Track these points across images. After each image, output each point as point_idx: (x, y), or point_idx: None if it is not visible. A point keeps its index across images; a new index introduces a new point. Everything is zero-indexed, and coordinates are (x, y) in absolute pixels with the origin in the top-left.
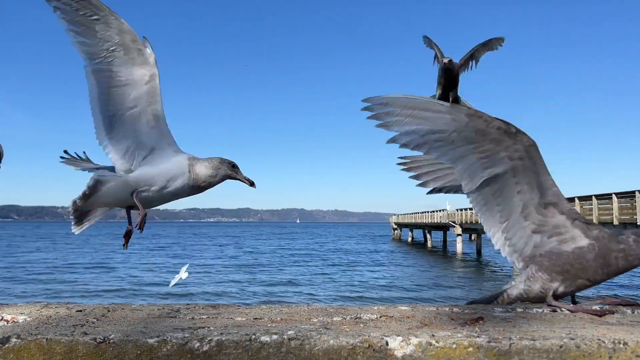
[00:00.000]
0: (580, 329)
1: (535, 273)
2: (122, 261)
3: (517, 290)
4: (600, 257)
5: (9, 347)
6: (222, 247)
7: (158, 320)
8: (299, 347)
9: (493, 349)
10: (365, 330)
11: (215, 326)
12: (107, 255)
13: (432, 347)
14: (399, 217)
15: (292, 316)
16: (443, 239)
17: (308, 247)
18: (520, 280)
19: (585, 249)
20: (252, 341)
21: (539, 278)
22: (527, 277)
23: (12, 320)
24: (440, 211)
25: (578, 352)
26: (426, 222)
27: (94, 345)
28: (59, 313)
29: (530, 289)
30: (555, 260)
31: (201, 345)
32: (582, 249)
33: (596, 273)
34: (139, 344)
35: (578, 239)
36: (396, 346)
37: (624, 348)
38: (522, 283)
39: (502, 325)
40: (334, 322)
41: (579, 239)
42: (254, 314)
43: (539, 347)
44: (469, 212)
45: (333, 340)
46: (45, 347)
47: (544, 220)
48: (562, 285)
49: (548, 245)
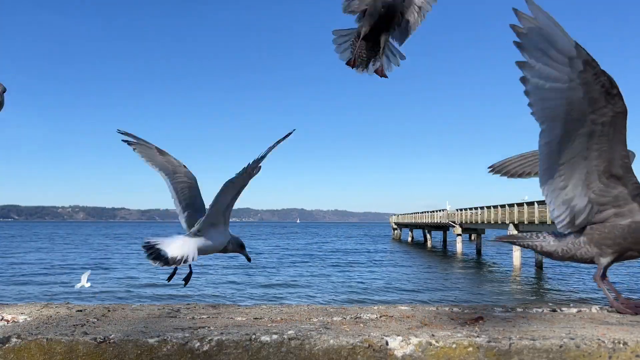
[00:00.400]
0: (580, 329)
1: (582, 244)
2: (122, 261)
3: (553, 248)
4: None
5: (9, 346)
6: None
7: (158, 320)
8: (299, 347)
9: (493, 348)
10: (365, 330)
11: (215, 326)
12: (108, 255)
13: (432, 346)
14: (399, 217)
15: (292, 316)
16: (443, 239)
17: (308, 247)
18: (559, 239)
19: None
20: (252, 341)
21: (586, 249)
22: (572, 242)
23: (13, 320)
24: (440, 211)
25: (578, 352)
26: (426, 222)
27: (94, 345)
28: (59, 313)
29: (571, 252)
30: (607, 234)
31: (201, 345)
32: (638, 223)
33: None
34: (139, 343)
35: (636, 214)
36: (396, 346)
37: (624, 348)
38: (563, 244)
39: (502, 325)
40: (334, 322)
41: (637, 213)
42: (254, 313)
43: (538, 346)
44: (469, 212)
45: (333, 340)
46: (46, 347)
47: (605, 190)
48: (610, 257)
49: (603, 215)
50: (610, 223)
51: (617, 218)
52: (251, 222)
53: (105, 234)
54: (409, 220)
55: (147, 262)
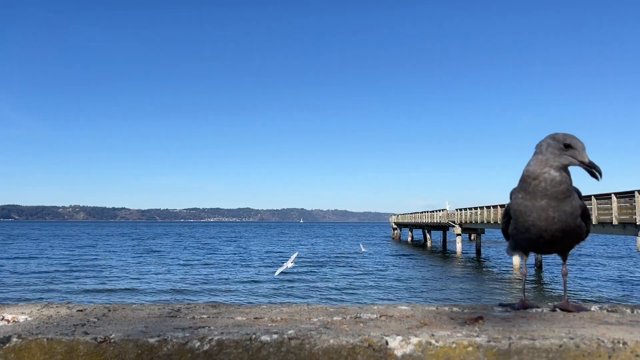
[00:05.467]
0: (580, 329)
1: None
2: (121, 261)
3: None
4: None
5: (9, 346)
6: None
7: (158, 320)
8: (299, 347)
9: (492, 348)
10: (365, 330)
11: (215, 326)
12: (107, 255)
13: (431, 346)
14: (398, 217)
15: (292, 316)
16: (443, 238)
17: (308, 247)
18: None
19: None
20: (252, 340)
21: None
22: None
23: (13, 320)
24: (440, 211)
25: (577, 352)
26: (426, 222)
27: (94, 345)
28: (60, 313)
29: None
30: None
31: (202, 345)
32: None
33: None
34: (140, 343)
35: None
36: (396, 345)
37: (624, 348)
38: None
39: (501, 325)
40: (334, 321)
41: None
42: (254, 313)
43: (538, 346)
44: (468, 212)
45: (333, 339)
46: (46, 347)
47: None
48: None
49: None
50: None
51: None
52: (251, 222)
53: (106, 234)
54: (408, 220)
55: (147, 263)
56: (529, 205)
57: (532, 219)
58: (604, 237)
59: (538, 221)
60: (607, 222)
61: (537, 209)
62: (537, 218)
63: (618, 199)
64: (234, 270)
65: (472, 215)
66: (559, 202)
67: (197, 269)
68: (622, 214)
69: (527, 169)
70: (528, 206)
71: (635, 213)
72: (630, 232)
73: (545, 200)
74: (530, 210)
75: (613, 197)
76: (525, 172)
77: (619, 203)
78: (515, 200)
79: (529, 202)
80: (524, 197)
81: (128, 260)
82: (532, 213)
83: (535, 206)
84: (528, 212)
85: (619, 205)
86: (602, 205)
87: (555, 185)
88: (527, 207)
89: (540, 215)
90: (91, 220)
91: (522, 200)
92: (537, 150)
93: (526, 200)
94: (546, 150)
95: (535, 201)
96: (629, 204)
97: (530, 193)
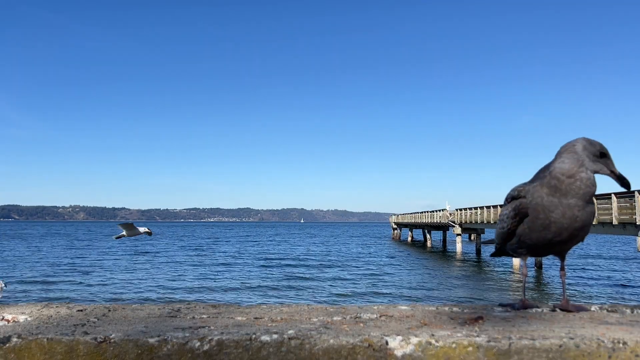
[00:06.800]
0: (580, 329)
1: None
2: (121, 261)
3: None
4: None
5: (9, 346)
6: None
7: (158, 320)
8: (299, 347)
9: (492, 348)
10: (365, 330)
11: (215, 326)
12: (107, 255)
13: (431, 346)
14: (398, 217)
15: (292, 316)
16: (443, 238)
17: (308, 247)
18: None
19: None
20: (252, 340)
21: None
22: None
23: (13, 320)
24: (440, 211)
25: (577, 352)
26: (426, 222)
27: (94, 345)
28: (60, 313)
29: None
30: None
31: (202, 345)
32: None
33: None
34: (140, 343)
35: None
36: (396, 345)
37: (624, 347)
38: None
39: (501, 325)
40: (334, 321)
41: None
42: (254, 313)
43: (538, 346)
44: (468, 212)
45: (333, 339)
46: (46, 347)
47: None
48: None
49: None
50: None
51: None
52: (251, 222)
53: (107, 234)
54: (408, 220)
55: (147, 263)
56: (555, 201)
57: (555, 216)
58: (603, 237)
59: (561, 219)
60: (607, 222)
61: (564, 206)
62: (560, 215)
63: (618, 199)
64: (234, 270)
65: (472, 215)
66: (585, 203)
67: (197, 269)
68: (622, 214)
69: (562, 167)
70: (554, 202)
71: (635, 213)
72: (630, 232)
73: (574, 199)
74: (555, 207)
75: (613, 197)
76: (559, 169)
77: (619, 203)
78: (537, 195)
79: (556, 199)
80: (551, 194)
81: (128, 260)
82: (557, 209)
83: (562, 203)
84: (552, 208)
85: (619, 205)
86: (602, 205)
87: (588, 187)
88: (553, 203)
89: (565, 213)
90: (91, 220)
91: (547, 196)
92: (567, 149)
93: (553, 197)
94: (582, 152)
95: (564, 199)
96: (629, 204)
97: (559, 190)
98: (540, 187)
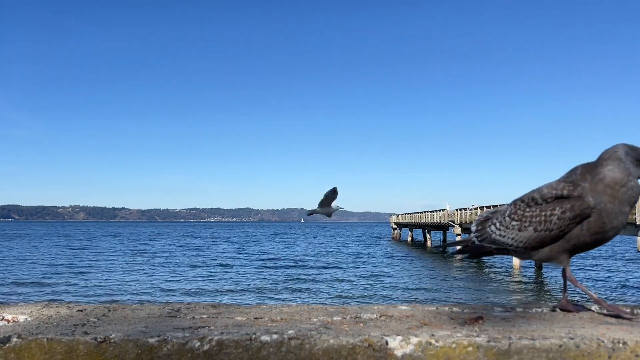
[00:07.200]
0: (580, 329)
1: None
2: (121, 261)
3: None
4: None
5: (9, 346)
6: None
7: (158, 320)
8: (299, 347)
9: (492, 348)
10: (365, 330)
11: (215, 326)
12: (107, 255)
13: (431, 346)
14: (398, 217)
15: (292, 316)
16: (443, 238)
17: (308, 247)
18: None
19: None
20: (252, 340)
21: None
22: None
23: (13, 320)
24: (440, 211)
25: (577, 352)
26: (426, 222)
27: (94, 345)
28: (60, 313)
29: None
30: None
31: (202, 345)
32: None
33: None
34: (140, 343)
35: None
36: (396, 345)
37: (624, 347)
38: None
39: (501, 325)
40: (334, 321)
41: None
42: (254, 313)
43: (538, 346)
44: (468, 212)
45: (333, 339)
46: (46, 347)
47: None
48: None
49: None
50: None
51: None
52: (251, 222)
53: (108, 234)
54: (408, 220)
55: (147, 263)
56: (617, 210)
57: (616, 224)
58: None
59: (619, 226)
60: None
61: (623, 215)
62: (619, 223)
63: None
64: (234, 270)
65: (472, 215)
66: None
67: (196, 269)
68: None
69: (614, 176)
70: (615, 210)
71: (635, 213)
72: (630, 232)
73: (628, 207)
74: (616, 215)
75: None
76: (611, 178)
77: None
78: (600, 200)
79: (617, 207)
80: (611, 202)
81: (128, 260)
82: (618, 217)
83: (622, 212)
84: (615, 215)
85: None
86: None
87: (635, 196)
88: (615, 211)
89: (622, 221)
90: (91, 220)
91: (609, 204)
92: (611, 155)
93: (614, 205)
94: (626, 158)
95: (622, 207)
96: None
97: (617, 199)
98: (597, 192)
